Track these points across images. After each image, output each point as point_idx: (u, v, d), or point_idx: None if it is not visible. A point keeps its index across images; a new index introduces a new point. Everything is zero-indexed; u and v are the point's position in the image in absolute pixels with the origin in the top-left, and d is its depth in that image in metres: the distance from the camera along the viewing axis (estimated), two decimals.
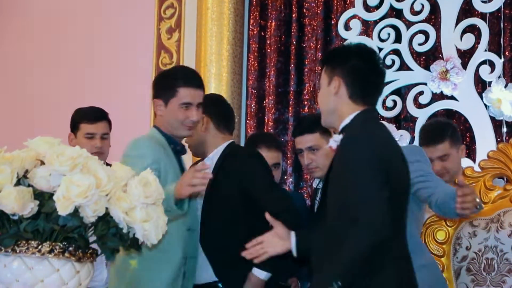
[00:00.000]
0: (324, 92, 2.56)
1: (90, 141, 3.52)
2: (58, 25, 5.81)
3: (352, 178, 2.34)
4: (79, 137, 3.56)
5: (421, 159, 2.83)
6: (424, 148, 3.51)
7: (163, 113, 3.01)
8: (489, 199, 3.18)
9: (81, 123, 3.57)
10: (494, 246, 3.09)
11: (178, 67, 3.30)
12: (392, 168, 2.40)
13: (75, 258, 2.03)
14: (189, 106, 2.98)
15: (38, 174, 2.04)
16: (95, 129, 3.55)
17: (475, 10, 4.60)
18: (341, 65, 2.53)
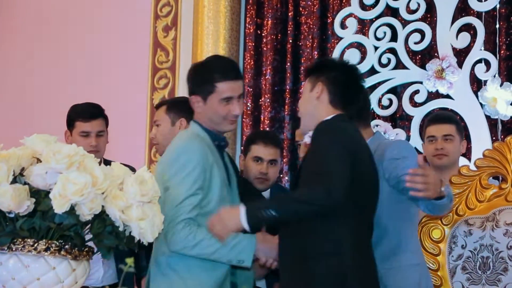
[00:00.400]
0: (306, 97, 2.74)
1: (86, 139, 3.46)
2: (54, 23, 5.80)
3: (321, 154, 2.51)
4: (74, 135, 3.51)
5: (409, 155, 2.81)
6: (430, 126, 3.64)
7: (202, 109, 2.82)
8: (484, 197, 3.18)
9: (76, 121, 3.51)
10: (489, 245, 3.10)
11: (213, 59, 3.02)
12: (358, 161, 2.53)
13: (71, 256, 2.03)
14: (230, 100, 2.79)
15: (35, 172, 2.04)
16: (90, 127, 3.49)
17: (470, 9, 4.60)
18: (325, 74, 2.72)
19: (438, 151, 3.64)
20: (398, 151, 2.81)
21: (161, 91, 5.45)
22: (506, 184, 3.17)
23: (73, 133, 3.51)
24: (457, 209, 3.20)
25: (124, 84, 5.45)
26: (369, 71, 4.79)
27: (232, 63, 2.95)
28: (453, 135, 3.67)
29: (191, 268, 2.68)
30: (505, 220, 3.10)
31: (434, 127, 3.69)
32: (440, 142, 3.64)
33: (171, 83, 5.44)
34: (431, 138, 3.70)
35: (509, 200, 3.14)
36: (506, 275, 3.04)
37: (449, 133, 3.66)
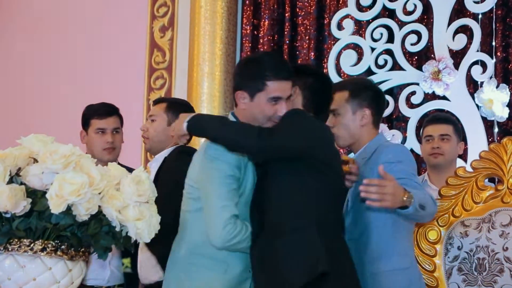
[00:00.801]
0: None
1: (102, 136, 3.48)
2: (51, 24, 5.80)
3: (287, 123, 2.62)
4: (90, 133, 3.51)
5: (404, 160, 2.80)
6: (428, 126, 3.67)
7: (246, 106, 2.70)
8: (481, 199, 3.18)
9: (92, 119, 3.52)
10: (485, 246, 3.10)
11: (265, 56, 2.85)
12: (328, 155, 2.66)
13: (68, 256, 2.03)
14: (279, 100, 2.68)
15: (31, 172, 2.04)
16: (106, 124, 3.50)
17: (467, 11, 4.61)
18: (305, 83, 2.79)
19: (434, 150, 3.66)
20: (393, 155, 2.80)
21: (158, 92, 5.45)
22: (502, 185, 3.17)
23: (89, 131, 3.52)
24: (453, 210, 3.20)
25: (121, 85, 5.45)
26: (366, 72, 4.80)
27: (285, 63, 2.83)
28: (450, 135, 3.69)
29: (200, 269, 2.64)
30: (501, 222, 3.11)
31: (431, 127, 3.72)
32: (437, 141, 3.67)
33: (167, 84, 5.44)
34: (428, 138, 3.71)
35: (505, 202, 3.14)
36: (502, 277, 3.04)
37: (446, 132, 3.68)
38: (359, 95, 2.93)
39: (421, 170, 4.68)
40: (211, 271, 2.62)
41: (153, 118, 3.38)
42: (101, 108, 3.56)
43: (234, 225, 2.56)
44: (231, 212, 2.57)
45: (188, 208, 2.72)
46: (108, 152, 3.45)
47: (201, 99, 5.13)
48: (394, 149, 2.90)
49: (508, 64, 4.62)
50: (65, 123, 5.25)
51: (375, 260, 2.75)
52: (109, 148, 3.46)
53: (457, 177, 3.22)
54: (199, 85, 5.12)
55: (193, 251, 2.66)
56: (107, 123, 3.50)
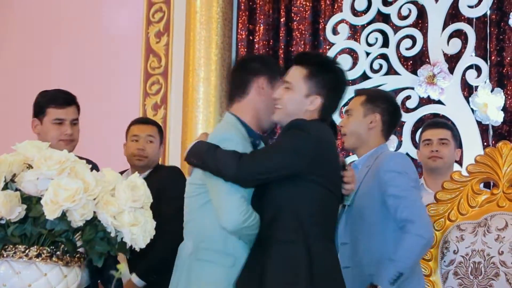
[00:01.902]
0: (299, 100, 2.61)
1: (60, 127, 3.19)
2: (47, 29, 5.79)
3: (277, 142, 2.56)
4: (46, 123, 3.21)
5: (405, 171, 2.84)
6: (427, 130, 3.74)
7: (264, 94, 2.68)
8: (476, 203, 3.19)
9: (48, 107, 3.21)
10: (481, 250, 3.10)
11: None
12: (328, 160, 2.55)
13: (63, 262, 2.02)
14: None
15: (26, 178, 2.03)
16: (65, 114, 3.21)
17: (461, 15, 4.63)
18: (321, 81, 2.61)
19: (433, 153, 3.67)
20: (394, 163, 2.86)
21: (154, 97, 5.45)
22: (497, 189, 3.18)
23: (44, 121, 3.22)
24: (449, 214, 3.21)
25: (117, 90, 5.45)
26: (361, 76, 4.81)
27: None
28: (448, 139, 3.70)
29: (207, 264, 2.61)
30: (496, 226, 3.11)
31: (430, 131, 3.73)
32: (436, 145, 3.67)
33: (163, 89, 5.44)
34: (427, 142, 3.72)
35: (500, 206, 3.14)
36: (498, 281, 3.05)
37: (445, 137, 3.70)
38: (374, 101, 3.00)
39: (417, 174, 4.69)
40: (218, 265, 2.59)
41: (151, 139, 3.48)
42: (58, 96, 3.28)
43: (247, 207, 2.54)
44: (241, 193, 2.54)
45: (192, 207, 2.70)
46: (66, 144, 3.15)
47: (197, 104, 5.13)
48: (395, 157, 2.92)
49: (502, 68, 4.64)
50: None
51: (374, 262, 2.76)
52: (67, 140, 3.18)
53: (453, 181, 3.23)
54: (195, 90, 5.12)
55: (200, 246, 2.63)
56: (66, 113, 3.21)
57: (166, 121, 5.30)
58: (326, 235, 2.56)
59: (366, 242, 2.81)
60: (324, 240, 2.54)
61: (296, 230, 2.48)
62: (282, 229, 2.50)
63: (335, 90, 2.63)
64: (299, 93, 2.60)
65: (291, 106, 2.60)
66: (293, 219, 2.50)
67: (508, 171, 3.16)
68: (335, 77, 2.64)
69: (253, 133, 2.69)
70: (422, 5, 4.71)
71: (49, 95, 3.26)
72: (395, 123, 3.10)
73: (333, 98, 2.63)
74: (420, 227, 2.73)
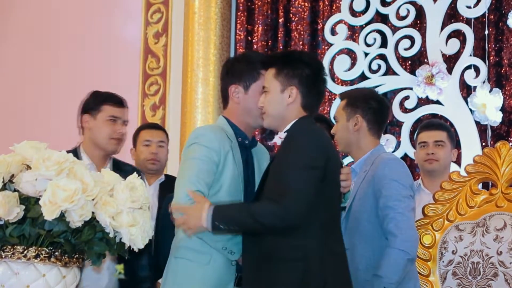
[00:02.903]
0: (276, 98, 2.59)
1: (113, 125, 3.22)
2: (46, 30, 5.79)
3: (288, 164, 2.43)
4: (100, 119, 3.22)
5: (399, 178, 2.82)
6: (422, 132, 3.72)
7: (240, 100, 2.73)
8: (475, 203, 3.19)
9: (105, 104, 3.25)
10: (479, 250, 3.10)
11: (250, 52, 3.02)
12: (331, 165, 2.49)
13: (61, 263, 2.02)
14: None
15: (24, 179, 2.03)
16: (120, 113, 3.26)
17: (460, 15, 4.63)
18: (298, 75, 2.58)
19: (428, 156, 3.66)
20: (389, 169, 2.84)
21: (152, 98, 5.45)
22: (496, 190, 3.18)
23: (98, 117, 3.24)
24: (447, 214, 3.21)
25: (115, 90, 5.43)
26: (359, 77, 4.82)
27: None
28: (444, 141, 3.69)
29: (183, 261, 2.64)
30: (495, 226, 3.11)
31: (425, 133, 3.72)
32: (431, 148, 3.67)
33: (162, 90, 5.44)
34: (423, 144, 3.72)
35: (499, 206, 3.15)
36: (496, 281, 3.05)
37: (440, 139, 3.68)
38: (354, 103, 2.99)
39: (415, 175, 4.69)
40: (193, 262, 2.62)
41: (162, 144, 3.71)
42: (115, 96, 3.33)
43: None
44: (196, 187, 2.55)
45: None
46: (117, 142, 3.21)
47: (196, 105, 5.13)
48: (390, 163, 2.90)
49: (501, 68, 4.64)
50: (59, 129, 5.25)
51: (370, 268, 2.75)
52: (118, 138, 3.22)
53: (452, 181, 3.23)
54: (194, 91, 5.12)
55: (178, 245, 2.68)
56: (121, 113, 3.27)
57: (165, 121, 5.30)
58: (336, 240, 2.54)
59: (362, 247, 2.80)
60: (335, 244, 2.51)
61: (301, 248, 2.43)
62: (283, 248, 2.44)
63: (307, 78, 2.59)
64: (275, 91, 2.60)
65: (272, 107, 2.60)
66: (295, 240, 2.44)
67: (507, 171, 3.17)
68: (303, 66, 2.60)
69: (241, 133, 2.75)
70: (420, 6, 4.71)
71: (105, 94, 3.34)
72: (382, 120, 3.06)
73: (308, 85, 2.59)
74: (403, 242, 2.71)
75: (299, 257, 2.41)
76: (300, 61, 2.62)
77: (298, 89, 2.57)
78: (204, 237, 2.59)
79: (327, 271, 2.42)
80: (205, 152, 2.63)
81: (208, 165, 2.61)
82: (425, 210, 3.23)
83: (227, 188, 2.66)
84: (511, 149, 3.18)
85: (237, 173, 2.69)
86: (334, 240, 2.52)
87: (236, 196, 2.67)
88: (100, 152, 3.21)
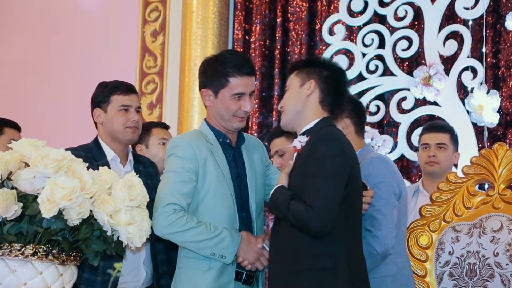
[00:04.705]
0: (295, 92, 2.63)
1: (125, 114, 3.12)
2: (43, 28, 5.78)
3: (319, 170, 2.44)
4: (111, 110, 3.13)
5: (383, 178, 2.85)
6: (425, 134, 3.73)
7: (212, 103, 2.78)
8: (472, 204, 3.19)
9: (113, 95, 3.15)
10: (476, 251, 3.11)
11: (227, 53, 2.91)
12: (353, 172, 2.51)
13: (59, 261, 2.02)
14: (242, 96, 2.74)
15: (22, 176, 2.02)
16: (130, 101, 3.15)
17: (457, 17, 4.64)
18: (318, 72, 2.62)
19: (430, 158, 3.67)
20: (372, 167, 2.87)
21: (149, 96, 5.44)
22: (493, 191, 3.18)
23: (109, 109, 3.14)
24: (444, 215, 3.21)
25: None
26: (357, 77, 4.82)
27: (246, 59, 2.87)
28: (446, 144, 3.69)
29: (185, 271, 2.69)
30: (492, 227, 3.11)
31: (428, 135, 3.72)
32: (433, 150, 3.66)
33: (159, 88, 5.43)
34: (425, 146, 3.72)
35: (496, 207, 3.15)
36: (493, 282, 3.05)
37: (442, 141, 3.68)
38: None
39: (411, 176, 4.70)
40: (195, 270, 2.67)
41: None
42: (122, 84, 3.23)
43: (173, 214, 2.59)
44: (169, 200, 2.60)
45: None
46: (132, 131, 3.13)
47: (193, 104, 5.13)
48: (374, 161, 2.91)
49: (498, 70, 4.65)
50: (55, 126, 5.23)
51: None
52: (133, 126, 3.12)
53: (449, 182, 3.23)
54: (191, 89, 5.12)
55: (180, 255, 2.73)
56: (131, 100, 3.17)
57: (162, 120, 5.29)
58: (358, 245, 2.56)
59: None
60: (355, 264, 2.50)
61: (329, 257, 2.44)
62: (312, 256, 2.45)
63: (328, 76, 2.62)
64: (295, 86, 2.64)
65: (291, 101, 2.63)
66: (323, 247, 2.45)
67: (504, 172, 3.17)
68: (324, 66, 2.66)
69: (221, 134, 2.79)
70: (418, 7, 4.72)
71: (111, 84, 3.22)
72: (364, 119, 3.10)
73: (327, 82, 2.61)
74: (378, 239, 2.76)
75: (329, 266, 2.42)
76: (322, 63, 2.68)
77: (317, 83, 2.60)
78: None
79: (354, 279, 2.44)
80: (180, 163, 2.67)
81: (183, 176, 2.66)
82: (422, 211, 3.24)
83: (214, 191, 2.69)
84: (508, 150, 3.18)
85: (223, 173, 2.71)
86: (357, 245, 2.55)
87: (226, 196, 2.70)
88: (119, 144, 3.13)
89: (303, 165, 2.50)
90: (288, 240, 2.49)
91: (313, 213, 2.38)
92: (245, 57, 2.93)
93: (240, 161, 2.81)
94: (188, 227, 2.60)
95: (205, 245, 2.61)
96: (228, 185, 2.71)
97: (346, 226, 2.47)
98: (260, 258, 2.67)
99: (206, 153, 2.71)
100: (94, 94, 3.22)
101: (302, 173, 2.49)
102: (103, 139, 3.14)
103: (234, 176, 2.75)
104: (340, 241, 2.44)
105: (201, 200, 2.68)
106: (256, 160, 2.85)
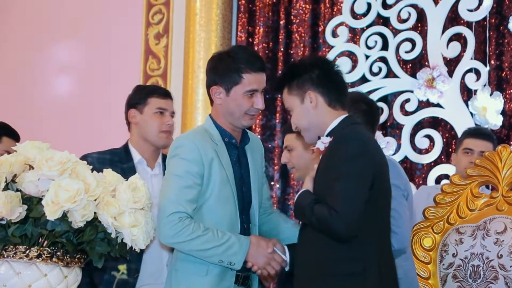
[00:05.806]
0: (301, 111, 2.55)
1: (161, 117, 3.13)
2: (46, 31, 5.79)
3: (340, 171, 2.39)
4: (147, 113, 3.13)
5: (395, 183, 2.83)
6: (469, 139, 3.67)
7: (222, 101, 2.69)
8: (475, 206, 3.18)
9: (151, 97, 3.15)
10: (480, 253, 3.10)
11: (239, 49, 2.84)
12: (379, 172, 2.46)
13: (63, 263, 2.02)
14: (255, 93, 2.67)
15: (27, 179, 2.03)
16: (167, 105, 3.16)
17: (461, 19, 4.64)
18: (307, 79, 2.53)
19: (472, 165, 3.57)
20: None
21: None
22: (497, 193, 3.18)
23: (145, 111, 3.15)
24: (448, 217, 3.21)
25: (116, 91, 5.44)
26: (360, 79, 4.82)
27: (258, 55, 2.81)
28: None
29: (182, 274, 2.65)
30: (495, 229, 3.11)
31: (473, 141, 3.67)
32: (476, 157, 3.57)
33: None
34: (468, 151, 3.67)
35: (500, 209, 3.14)
36: (497, 284, 3.04)
37: (486, 150, 3.57)
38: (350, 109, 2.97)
39: (415, 177, 4.70)
40: (193, 274, 2.63)
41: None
42: (160, 88, 3.25)
43: (179, 223, 2.54)
44: (175, 209, 2.54)
45: None
46: (167, 135, 3.13)
47: (196, 106, 5.13)
48: None
49: (501, 72, 4.65)
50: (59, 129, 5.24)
51: None
52: (167, 131, 3.12)
53: (452, 184, 3.23)
54: (194, 92, 5.13)
55: (177, 257, 2.68)
56: (167, 104, 3.17)
57: None
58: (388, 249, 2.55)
59: None
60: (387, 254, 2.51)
61: (358, 261, 2.41)
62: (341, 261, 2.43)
63: (318, 77, 2.53)
64: (296, 105, 2.56)
65: (302, 120, 2.55)
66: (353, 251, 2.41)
67: (508, 174, 3.16)
68: (308, 69, 2.55)
69: (227, 134, 2.72)
70: (421, 9, 4.72)
71: (149, 87, 3.25)
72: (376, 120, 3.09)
73: (323, 83, 2.53)
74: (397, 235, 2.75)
75: (359, 271, 2.39)
76: (303, 67, 2.57)
77: (315, 91, 2.52)
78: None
79: (384, 284, 2.42)
80: (184, 166, 2.60)
81: (188, 180, 2.59)
82: (426, 212, 3.23)
83: (217, 194, 2.64)
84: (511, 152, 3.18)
85: (227, 175, 2.66)
86: (387, 249, 2.52)
87: (228, 199, 2.66)
88: (150, 146, 3.13)
89: (326, 167, 2.45)
90: (314, 245, 2.45)
91: (337, 216, 2.32)
92: (257, 53, 2.88)
93: (244, 161, 2.77)
94: (195, 235, 2.55)
95: (213, 253, 2.57)
96: (232, 187, 2.68)
97: (374, 228, 2.43)
98: (271, 262, 2.61)
99: (211, 155, 2.64)
100: (130, 96, 3.23)
101: (325, 175, 2.44)
102: (134, 142, 3.14)
103: (237, 177, 2.71)
104: (369, 245, 2.40)
105: (204, 203, 2.64)
106: (258, 160, 2.84)
